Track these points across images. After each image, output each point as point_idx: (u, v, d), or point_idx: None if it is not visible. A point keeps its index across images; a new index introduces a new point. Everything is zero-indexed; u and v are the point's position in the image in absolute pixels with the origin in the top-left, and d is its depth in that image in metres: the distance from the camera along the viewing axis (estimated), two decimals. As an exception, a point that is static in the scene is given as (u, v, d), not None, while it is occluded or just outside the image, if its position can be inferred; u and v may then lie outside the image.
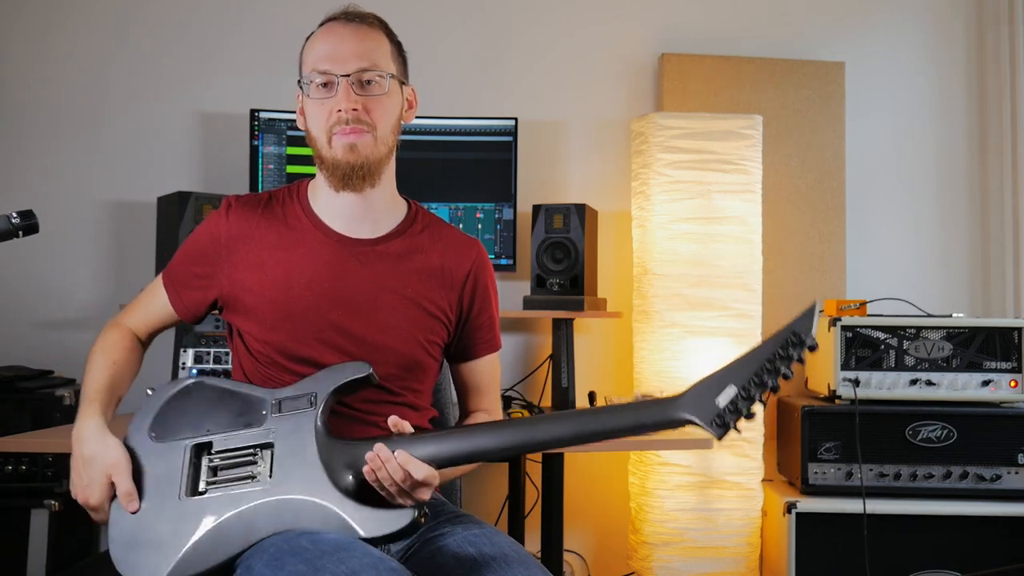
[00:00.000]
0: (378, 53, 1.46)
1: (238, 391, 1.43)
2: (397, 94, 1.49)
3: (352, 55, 1.44)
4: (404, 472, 1.27)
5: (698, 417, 1.23)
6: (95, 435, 1.39)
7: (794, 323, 1.23)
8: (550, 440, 1.33)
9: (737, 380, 1.22)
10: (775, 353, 1.22)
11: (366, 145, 1.45)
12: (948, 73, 3.17)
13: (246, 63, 2.93)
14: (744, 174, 2.66)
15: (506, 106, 2.94)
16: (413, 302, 1.50)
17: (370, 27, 1.48)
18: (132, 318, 1.58)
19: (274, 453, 1.33)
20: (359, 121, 1.43)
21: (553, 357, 2.72)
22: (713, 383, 1.24)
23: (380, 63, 1.46)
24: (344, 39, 1.45)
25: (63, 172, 2.90)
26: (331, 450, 1.33)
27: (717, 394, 1.23)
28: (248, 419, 1.38)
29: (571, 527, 2.82)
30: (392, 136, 1.49)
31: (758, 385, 1.22)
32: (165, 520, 1.32)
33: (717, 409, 1.22)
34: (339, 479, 1.30)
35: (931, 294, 3.08)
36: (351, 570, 1.16)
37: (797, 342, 1.22)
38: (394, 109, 1.49)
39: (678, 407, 1.25)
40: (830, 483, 2.53)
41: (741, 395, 1.22)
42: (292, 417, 1.37)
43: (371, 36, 1.47)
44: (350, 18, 1.48)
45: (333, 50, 1.44)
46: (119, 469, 1.35)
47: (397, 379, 1.49)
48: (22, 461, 2.41)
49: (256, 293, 1.47)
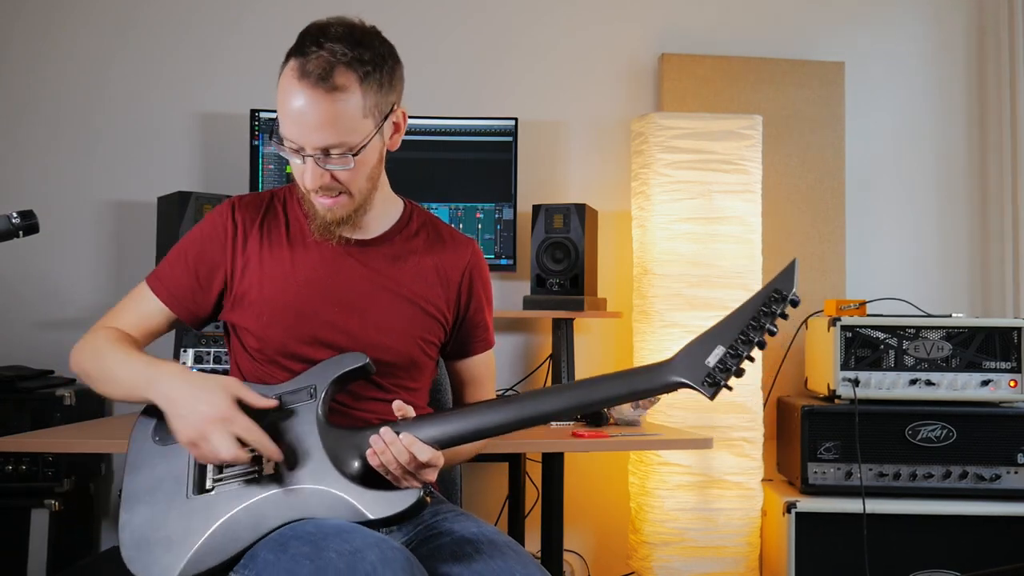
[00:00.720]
0: (343, 127, 1.34)
1: None
2: (373, 147, 1.41)
3: (315, 129, 1.33)
4: (409, 454, 1.28)
5: (689, 379, 1.27)
6: (189, 372, 1.34)
7: (775, 280, 1.27)
8: (551, 412, 1.34)
9: (724, 340, 1.26)
10: (759, 311, 1.26)
11: (342, 207, 1.43)
12: (948, 73, 3.17)
13: (246, 63, 2.94)
14: (744, 174, 2.66)
15: (506, 106, 2.94)
16: (410, 301, 1.51)
17: (337, 92, 1.33)
18: (119, 323, 1.51)
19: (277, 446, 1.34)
20: (330, 188, 1.40)
21: (553, 357, 2.72)
22: (701, 345, 1.28)
23: (346, 136, 1.35)
24: (306, 110, 1.33)
25: (63, 172, 2.90)
26: (334, 438, 1.34)
27: (706, 355, 1.27)
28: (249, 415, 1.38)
29: (571, 527, 2.82)
30: (371, 183, 1.45)
31: (745, 343, 1.26)
32: (175, 519, 1.32)
33: (707, 369, 1.26)
34: (344, 466, 1.32)
35: (931, 294, 3.08)
36: (354, 548, 1.18)
37: (780, 298, 1.26)
38: (367, 165, 1.42)
39: (669, 371, 1.28)
40: (830, 483, 2.53)
41: (729, 353, 1.26)
42: (293, 408, 1.37)
43: (337, 106, 1.33)
44: (316, 80, 1.32)
45: (298, 118, 1.34)
46: (237, 383, 1.33)
47: (393, 378, 1.50)
48: (22, 461, 2.42)
49: (255, 291, 1.48)
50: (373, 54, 1.37)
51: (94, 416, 2.64)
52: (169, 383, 1.33)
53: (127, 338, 1.47)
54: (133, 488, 1.38)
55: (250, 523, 1.30)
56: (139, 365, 1.39)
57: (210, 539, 1.30)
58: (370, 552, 1.17)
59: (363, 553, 1.17)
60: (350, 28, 1.38)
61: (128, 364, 1.40)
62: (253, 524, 1.30)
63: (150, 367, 1.38)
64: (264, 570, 1.23)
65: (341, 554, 1.17)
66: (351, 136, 1.36)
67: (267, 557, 1.24)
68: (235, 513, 1.31)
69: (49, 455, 2.41)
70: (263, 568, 1.24)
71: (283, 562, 1.21)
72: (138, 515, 1.35)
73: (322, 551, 1.18)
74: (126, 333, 1.49)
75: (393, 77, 1.41)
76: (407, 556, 1.21)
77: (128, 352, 1.42)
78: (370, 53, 1.37)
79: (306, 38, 1.36)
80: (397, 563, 1.17)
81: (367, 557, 1.16)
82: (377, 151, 1.43)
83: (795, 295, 1.26)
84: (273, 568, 1.22)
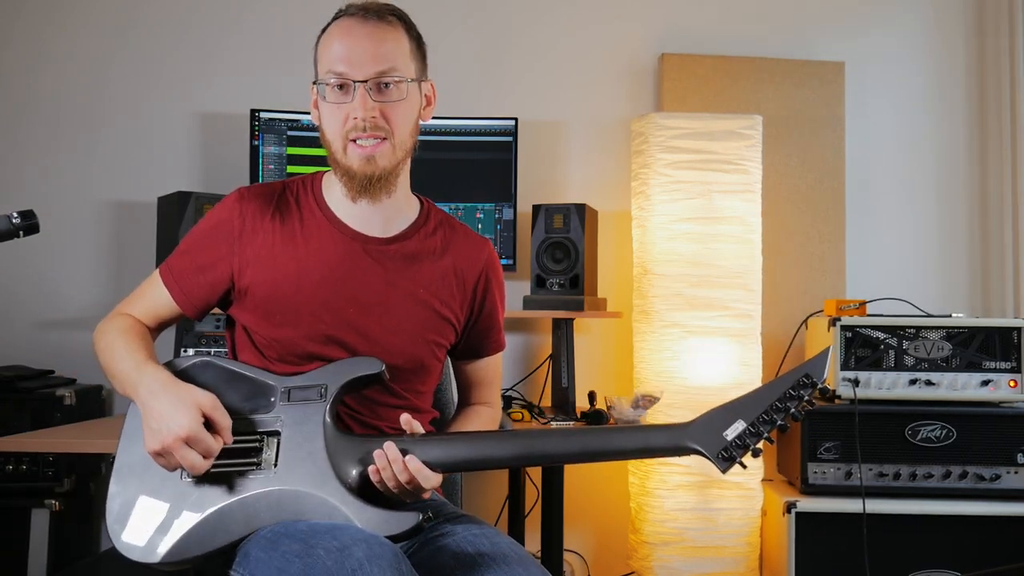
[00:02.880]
0: (396, 54, 1.40)
1: (247, 374, 1.41)
2: (416, 95, 1.45)
3: (369, 58, 1.37)
4: (409, 475, 1.28)
5: (705, 448, 1.27)
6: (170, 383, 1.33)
7: (807, 365, 1.27)
8: (557, 455, 1.36)
9: (746, 415, 1.26)
10: (786, 393, 1.26)
11: (383, 155, 1.41)
12: (948, 73, 3.17)
13: (246, 63, 2.94)
14: (744, 174, 2.66)
15: (506, 106, 2.94)
16: (424, 303, 1.49)
17: (389, 25, 1.41)
18: (134, 309, 1.52)
19: (280, 442, 1.33)
20: (377, 128, 1.39)
21: (553, 357, 2.72)
22: (722, 415, 1.27)
23: (399, 66, 1.40)
24: (360, 40, 1.38)
25: (63, 172, 2.90)
26: (338, 445, 1.33)
27: (726, 427, 1.26)
28: (256, 404, 1.37)
29: (571, 527, 2.82)
30: (411, 140, 1.46)
31: (767, 422, 1.25)
32: (167, 500, 1.31)
33: (724, 443, 1.26)
34: (344, 475, 1.31)
35: (931, 294, 3.08)
36: (343, 545, 1.18)
37: (808, 383, 1.25)
38: (412, 112, 1.44)
39: (687, 436, 1.28)
40: (830, 483, 2.53)
41: (749, 431, 1.25)
42: (301, 407, 1.36)
43: (390, 36, 1.40)
44: (367, 15, 1.40)
45: (349, 51, 1.38)
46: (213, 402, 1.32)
47: (402, 380, 1.49)
48: (22, 461, 2.42)
49: (267, 287, 1.45)
50: (409, 21, 1.47)
51: (94, 416, 2.64)
52: (148, 391, 1.34)
53: (135, 328, 1.48)
54: (128, 460, 1.36)
55: (242, 517, 1.30)
56: (131, 364, 1.39)
57: (199, 527, 1.29)
58: (357, 549, 1.17)
59: (350, 550, 1.17)
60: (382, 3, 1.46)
61: (124, 361, 1.40)
62: (245, 519, 1.29)
63: (138, 370, 1.37)
64: (256, 568, 1.24)
65: (329, 551, 1.17)
66: (405, 65, 1.41)
67: (259, 555, 1.25)
68: (228, 504, 1.30)
69: (49, 455, 2.41)
70: (255, 566, 1.25)
71: (274, 560, 1.22)
72: (130, 488, 1.33)
73: (312, 549, 1.19)
74: (137, 322, 1.50)
75: (426, 52, 1.49)
76: (394, 552, 1.20)
77: (128, 346, 1.42)
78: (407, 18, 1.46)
79: (344, 6, 1.43)
80: (384, 559, 1.17)
81: (354, 554, 1.16)
82: (417, 105, 1.46)
83: (824, 384, 1.27)
84: (265, 566, 1.23)
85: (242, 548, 1.29)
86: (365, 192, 1.44)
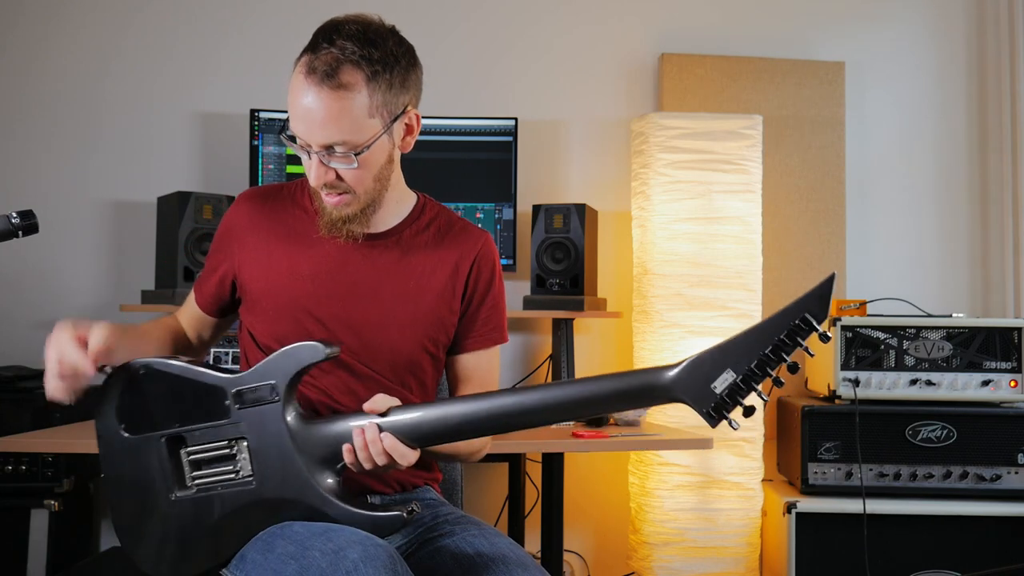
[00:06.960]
0: (346, 125, 1.33)
1: (188, 378, 1.36)
2: (380, 147, 1.38)
3: (319, 128, 1.32)
4: (387, 458, 1.27)
5: (692, 400, 1.16)
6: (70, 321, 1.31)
7: (807, 300, 1.12)
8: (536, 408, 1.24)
9: (736, 364, 1.12)
10: (781, 340, 1.11)
11: (347, 205, 1.41)
12: (948, 73, 3.17)
13: (246, 63, 2.93)
14: (744, 174, 2.66)
15: (506, 106, 2.94)
16: (416, 299, 1.49)
17: (341, 91, 1.31)
18: (181, 315, 1.61)
19: (251, 447, 1.31)
20: (334, 187, 1.39)
21: (553, 357, 2.72)
22: (711, 360, 1.14)
23: (351, 137, 1.33)
24: (310, 109, 1.32)
25: (63, 172, 2.90)
26: (307, 441, 1.30)
27: (714, 378, 1.13)
28: (210, 409, 1.33)
29: (571, 527, 2.82)
30: (379, 183, 1.43)
31: (758, 374, 1.12)
32: (164, 518, 1.34)
33: (714, 397, 1.13)
34: (320, 475, 1.29)
35: (931, 294, 3.08)
36: (337, 546, 1.19)
37: (806, 327, 1.10)
38: (372, 168, 1.40)
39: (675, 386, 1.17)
40: (830, 483, 2.53)
41: (739, 383, 1.12)
42: (257, 410, 1.31)
43: (342, 105, 1.32)
44: (321, 79, 1.31)
45: (303, 115, 1.33)
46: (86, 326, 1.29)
47: (395, 376, 1.48)
48: (22, 461, 2.41)
49: (260, 284, 1.47)
50: (384, 53, 1.35)
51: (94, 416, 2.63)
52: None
53: (161, 319, 1.56)
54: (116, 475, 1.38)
55: (240, 529, 1.32)
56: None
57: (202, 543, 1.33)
58: (352, 550, 1.18)
59: (345, 551, 1.17)
60: (364, 26, 1.36)
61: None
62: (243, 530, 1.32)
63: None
64: (252, 571, 1.26)
65: (324, 553, 1.18)
66: (355, 135, 1.34)
67: (255, 558, 1.27)
68: (223, 519, 1.32)
69: (49, 455, 2.41)
70: (251, 569, 1.26)
71: (270, 562, 1.23)
72: (127, 505, 1.37)
73: (307, 551, 1.20)
74: (173, 319, 1.58)
75: (406, 78, 1.39)
76: (390, 553, 1.20)
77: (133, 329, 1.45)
78: (380, 52, 1.34)
79: (320, 35, 1.35)
80: (379, 560, 1.17)
81: (349, 555, 1.17)
82: (385, 152, 1.40)
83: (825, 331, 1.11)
84: (261, 569, 1.24)
85: (239, 553, 1.32)
86: (336, 230, 1.44)
